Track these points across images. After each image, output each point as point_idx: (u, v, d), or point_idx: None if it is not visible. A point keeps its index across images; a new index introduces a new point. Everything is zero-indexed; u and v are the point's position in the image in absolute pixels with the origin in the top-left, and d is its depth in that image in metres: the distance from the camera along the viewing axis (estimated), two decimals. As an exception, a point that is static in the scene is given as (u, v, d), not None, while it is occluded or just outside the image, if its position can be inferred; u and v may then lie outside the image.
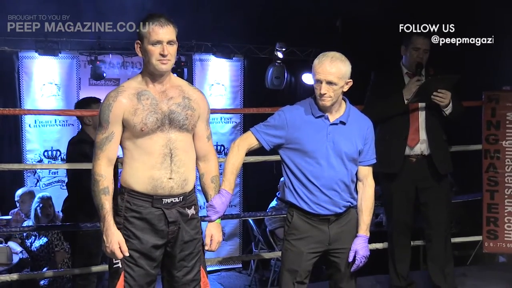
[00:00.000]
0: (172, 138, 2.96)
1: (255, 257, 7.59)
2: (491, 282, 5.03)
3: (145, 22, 2.93)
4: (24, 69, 7.55)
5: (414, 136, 4.36)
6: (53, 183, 7.62)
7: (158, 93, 2.97)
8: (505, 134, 5.04)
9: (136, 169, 2.96)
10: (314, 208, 3.26)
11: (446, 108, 4.28)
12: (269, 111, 4.50)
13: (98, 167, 2.94)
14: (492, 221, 5.12)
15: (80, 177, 5.01)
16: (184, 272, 3.07)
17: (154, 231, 2.97)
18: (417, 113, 4.36)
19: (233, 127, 8.57)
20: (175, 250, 3.04)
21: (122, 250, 2.89)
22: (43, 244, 6.11)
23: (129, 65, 7.89)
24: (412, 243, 4.72)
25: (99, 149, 2.96)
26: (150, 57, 2.91)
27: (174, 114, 2.96)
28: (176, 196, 2.99)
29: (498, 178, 5.09)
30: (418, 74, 4.33)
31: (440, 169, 4.37)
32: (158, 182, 2.94)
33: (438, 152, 4.37)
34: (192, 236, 3.07)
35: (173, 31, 2.93)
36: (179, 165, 2.97)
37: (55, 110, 7.52)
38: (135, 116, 2.91)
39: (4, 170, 5.53)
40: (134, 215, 2.96)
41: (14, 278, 5.06)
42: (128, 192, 2.96)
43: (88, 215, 4.90)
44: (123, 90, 2.96)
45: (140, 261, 2.97)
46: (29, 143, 7.64)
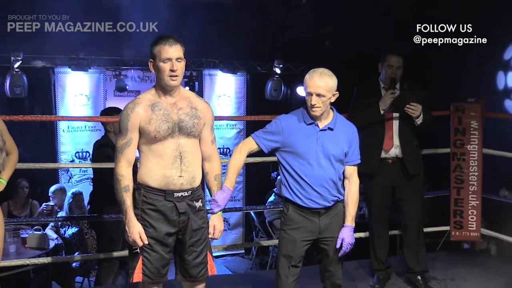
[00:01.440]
0: (182, 143, 2.95)
1: (255, 244, 7.59)
2: (457, 265, 5.03)
3: (157, 42, 2.92)
4: (59, 82, 7.57)
5: (389, 141, 4.34)
6: (83, 180, 7.62)
7: (169, 105, 2.96)
8: (470, 139, 5.03)
9: (151, 169, 2.95)
10: (306, 202, 3.25)
11: (418, 119, 4.27)
12: (268, 118, 4.48)
13: (119, 168, 2.93)
14: (458, 214, 5.11)
15: (104, 174, 5.02)
16: (193, 256, 3.06)
17: (167, 221, 2.96)
18: (391, 122, 4.34)
19: (237, 132, 8.58)
20: (186, 237, 3.03)
21: (142, 239, 2.89)
22: (75, 232, 6.10)
23: (148, 79, 7.91)
24: (390, 232, 4.70)
25: (119, 153, 2.95)
26: (162, 74, 2.90)
27: (183, 122, 2.95)
28: (185, 191, 2.98)
29: (463, 177, 5.08)
30: (392, 88, 4.31)
31: (410, 170, 4.34)
32: (170, 179, 2.93)
33: (409, 156, 4.34)
34: (199, 225, 3.06)
35: (180, 50, 2.91)
36: (188, 165, 2.96)
37: (84, 117, 7.56)
38: (149, 124, 2.90)
39: (42, 168, 5.52)
40: (149, 207, 2.95)
41: (51, 261, 5.10)
42: (144, 188, 2.96)
43: (110, 206, 4.91)
44: (139, 102, 2.95)
45: (156, 247, 2.96)
46: (63, 145, 7.66)
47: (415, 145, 4.42)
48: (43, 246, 5.42)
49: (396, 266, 4.72)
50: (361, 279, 4.65)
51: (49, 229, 6.02)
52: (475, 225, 5.09)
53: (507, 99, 6.68)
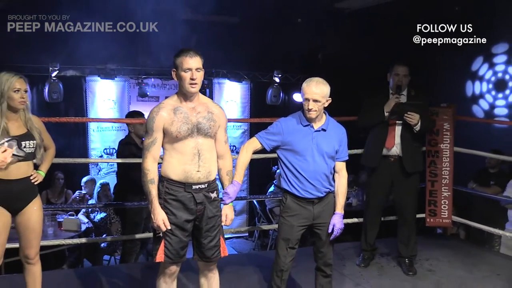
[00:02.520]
0: (200, 142, 2.94)
1: (257, 228, 7.60)
2: (431, 247, 5.04)
3: (179, 54, 2.90)
4: (89, 89, 7.58)
5: (391, 140, 4.30)
6: (110, 173, 7.62)
7: (189, 109, 2.95)
8: (443, 139, 5.00)
9: (173, 164, 2.94)
10: (302, 193, 3.25)
11: (416, 127, 4.23)
12: (268, 120, 4.47)
13: (146, 164, 2.92)
14: (432, 203, 5.10)
15: (127, 168, 5.04)
16: (208, 240, 3.05)
17: (186, 209, 2.95)
18: (395, 124, 4.30)
19: (242, 132, 8.58)
20: (202, 224, 3.02)
21: (165, 225, 2.88)
22: (103, 217, 6.10)
23: (165, 86, 7.93)
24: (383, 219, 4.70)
25: (146, 150, 2.94)
26: (183, 82, 2.89)
27: (201, 124, 2.94)
28: (202, 184, 2.96)
29: (437, 171, 5.06)
30: (397, 93, 4.27)
31: (407, 168, 4.29)
32: (189, 173, 2.92)
33: (407, 155, 4.28)
34: (214, 213, 3.04)
35: (199, 61, 2.90)
36: (205, 161, 2.95)
37: (111, 119, 7.59)
38: (172, 126, 2.89)
39: (75, 163, 5.54)
40: (171, 198, 2.94)
41: (83, 242, 5.13)
42: (167, 181, 2.94)
43: (132, 196, 4.93)
44: (163, 106, 2.94)
45: (176, 232, 2.95)
46: (93, 143, 7.68)
47: (415, 146, 4.37)
48: (76, 229, 5.44)
49: (380, 247, 4.73)
50: (348, 259, 4.65)
51: (81, 214, 6.03)
52: (447, 213, 5.08)
53: (475, 104, 6.69)
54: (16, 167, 3.04)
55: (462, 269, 4.52)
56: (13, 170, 3.03)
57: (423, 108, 4.27)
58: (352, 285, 4.10)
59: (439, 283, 4.21)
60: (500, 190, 5.70)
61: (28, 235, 3.17)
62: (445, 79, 6.80)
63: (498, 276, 4.37)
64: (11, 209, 3.09)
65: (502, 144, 5.73)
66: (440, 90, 6.62)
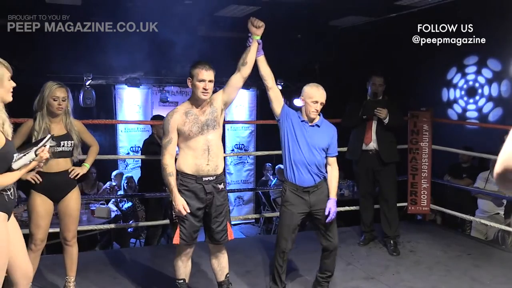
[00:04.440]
0: (209, 138, 2.95)
1: (263, 216, 7.58)
2: (412, 231, 5.04)
3: (196, 66, 2.93)
4: (118, 96, 7.60)
5: (368, 137, 4.40)
6: (136, 167, 7.64)
7: (199, 111, 2.97)
8: (422, 138, 5.01)
9: (186, 159, 2.96)
10: (297, 181, 3.26)
11: (385, 120, 4.31)
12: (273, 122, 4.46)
13: (165, 160, 2.94)
14: (413, 193, 5.10)
15: (150, 164, 5.05)
16: (217, 225, 3.06)
17: (197, 198, 2.97)
18: (371, 123, 4.39)
19: (250, 133, 8.53)
20: (211, 211, 3.04)
21: (185, 209, 2.90)
22: (129, 206, 6.13)
23: (183, 92, 7.91)
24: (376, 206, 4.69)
25: (164, 149, 2.96)
26: (197, 90, 2.91)
27: (208, 121, 2.96)
28: (211, 176, 2.97)
29: (417, 166, 5.06)
30: (374, 99, 4.40)
31: (384, 159, 4.38)
32: (200, 167, 2.94)
33: (383, 148, 4.38)
34: (221, 202, 3.05)
35: (212, 74, 2.93)
36: (213, 156, 2.96)
37: (137, 121, 7.60)
38: (184, 126, 2.92)
39: (106, 159, 5.57)
40: (184, 188, 2.95)
41: (112, 227, 5.18)
42: (181, 174, 2.96)
43: (154, 188, 4.93)
44: (177, 111, 2.98)
45: (189, 218, 2.97)
46: (121, 142, 7.69)
47: (390, 141, 4.44)
48: (107, 216, 5.47)
49: (378, 231, 4.71)
50: (340, 242, 4.61)
51: (111, 204, 6.05)
52: (426, 202, 5.08)
53: (450, 108, 6.67)
54: (55, 162, 3.08)
55: (438, 249, 4.53)
56: (53, 165, 3.08)
57: (393, 107, 4.34)
58: (345, 264, 4.11)
59: (419, 262, 4.22)
60: (471, 182, 5.69)
61: (66, 220, 3.21)
62: (424, 86, 6.80)
63: (469, 255, 4.39)
64: (52, 197, 3.13)
65: (473, 143, 5.72)
66: (420, 96, 6.62)
